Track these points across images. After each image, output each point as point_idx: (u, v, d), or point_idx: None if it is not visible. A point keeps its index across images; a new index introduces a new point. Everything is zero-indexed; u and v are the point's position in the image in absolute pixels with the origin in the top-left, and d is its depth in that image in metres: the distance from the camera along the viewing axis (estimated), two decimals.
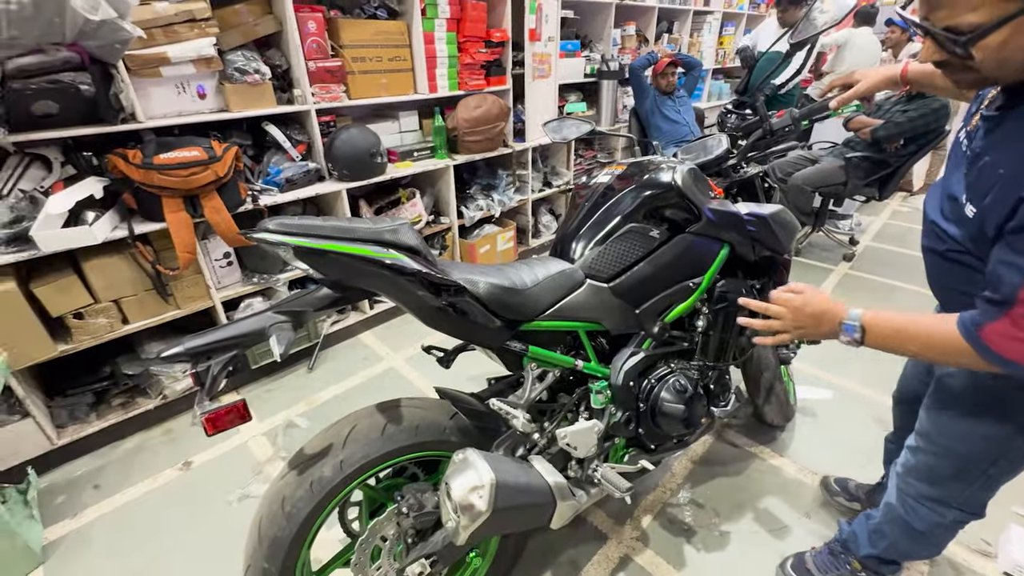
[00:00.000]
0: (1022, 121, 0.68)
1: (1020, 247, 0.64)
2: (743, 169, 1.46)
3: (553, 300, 1.09)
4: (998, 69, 0.64)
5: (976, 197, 0.72)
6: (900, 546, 1.14)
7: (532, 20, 2.71)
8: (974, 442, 0.93)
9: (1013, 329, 0.66)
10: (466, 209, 2.78)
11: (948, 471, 0.99)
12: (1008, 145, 0.68)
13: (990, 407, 0.89)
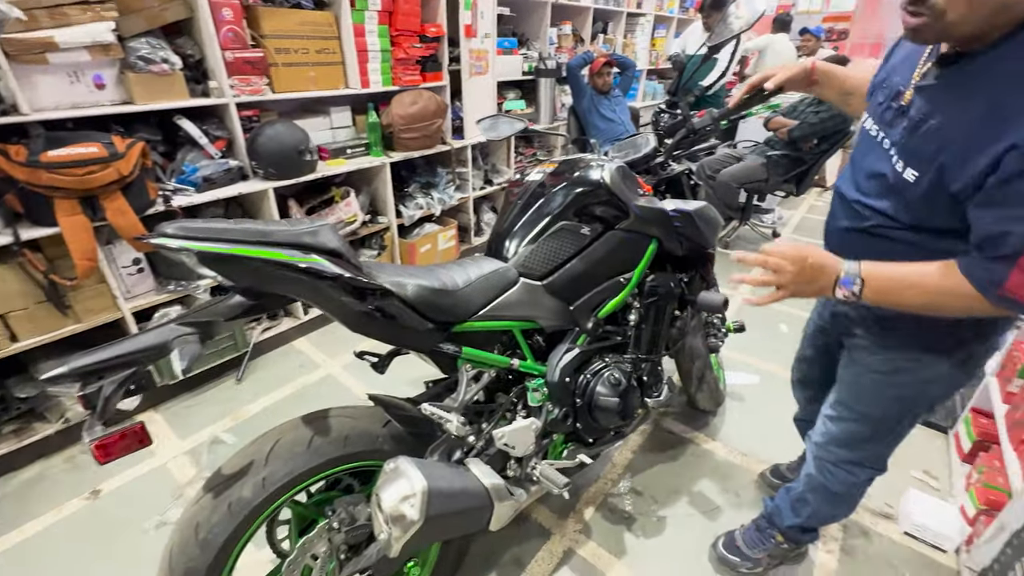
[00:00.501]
0: (967, 83, 0.71)
1: (1016, 198, 0.66)
2: (670, 167, 1.51)
3: (486, 300, 1.08)
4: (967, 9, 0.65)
5: (921, 162, 0.76)
6: (821, 512, 1.24)
7: (467, 16, 2.68)
8: (889, 405, 1.02)
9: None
10: (405, 208, 2.71)
11: (865, 434, 1.08)
12: (960, 104, 0.72)
13: (902, 372, 0.98)
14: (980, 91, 0.70)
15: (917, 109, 0.78)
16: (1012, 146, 0.64)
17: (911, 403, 1.01)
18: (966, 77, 0.72)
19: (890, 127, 0.84)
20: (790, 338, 2.45)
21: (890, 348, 0.97)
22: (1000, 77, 0.68)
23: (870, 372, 1.02)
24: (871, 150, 0.89)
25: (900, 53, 0.90)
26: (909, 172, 0.78)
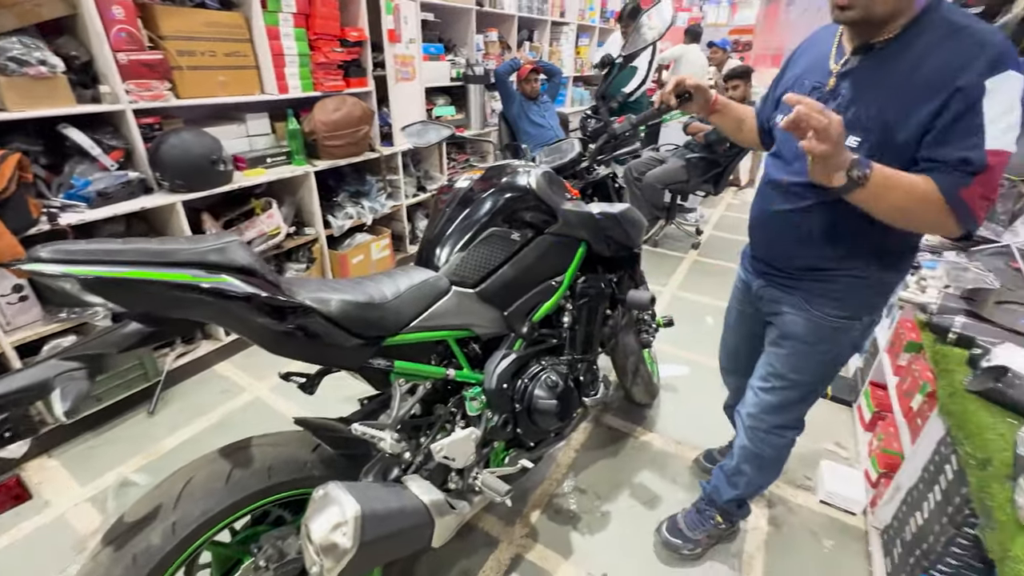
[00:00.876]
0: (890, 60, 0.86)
1: (968, 128, 0.78)
2: (595, 171, 1.55)
3: (417, 311, 1.05)
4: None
5: (863, 127, 0.88)
6: (755, 480, 1.35)
7: (390, 21, 2.63)
8: (815, 369, 1.16)
9: (983, 190, 0.80)
10: (334, 218, 2.60)
11: (795, 399, 1.21)
12: (891, 75, 0.86)
13: (826, 339, 1.10)
14: (906, 62, 0.84)
15: (848, 88, 0.91)
16: (957, 89, 0.78)
17: (833, 365, 1.17)
18: (887, 57, 0.87)
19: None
20: (715, 329, 2.59)
21: (815, 319, 1.09)
22: (922, 48, 0.83)
23: (800, 343, 1.13)
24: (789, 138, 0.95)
25: (801, 63, 1.05)
26: (852, 139, 0.89)
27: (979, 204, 0.81)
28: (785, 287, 1.13)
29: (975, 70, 0.77)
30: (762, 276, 1.20)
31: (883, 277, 1.04)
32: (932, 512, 1.19)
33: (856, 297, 1.06)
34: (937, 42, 0.81)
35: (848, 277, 1.04)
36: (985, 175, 0.79)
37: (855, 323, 1.08)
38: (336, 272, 2.64)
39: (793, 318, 1.13)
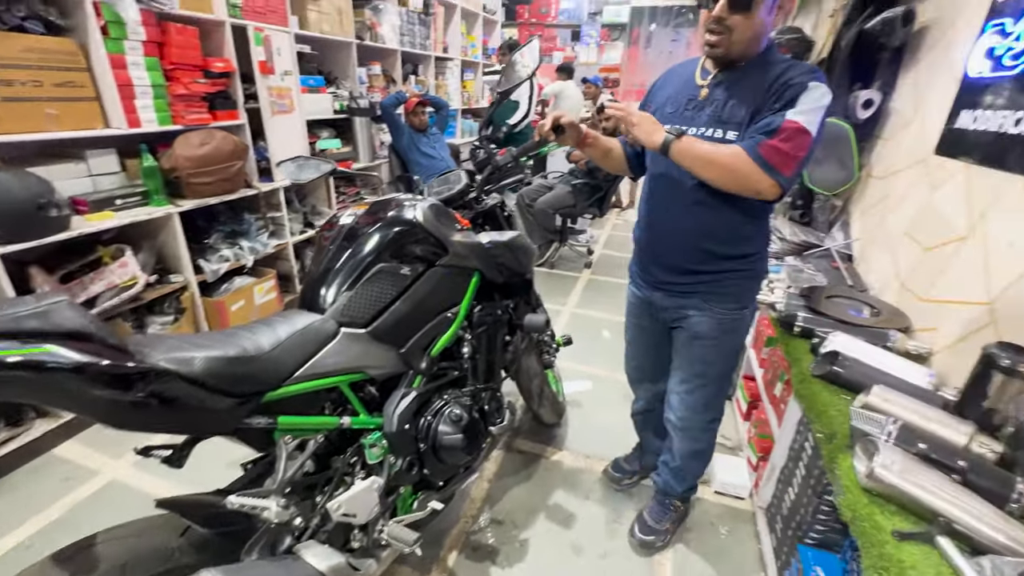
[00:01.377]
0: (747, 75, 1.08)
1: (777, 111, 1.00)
2: (484, 200, 1.59)
3: (302, 359, 0.97)
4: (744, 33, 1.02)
5: (736, 124, 1.07)
6: (697, 469, 1.53)
7: (260, 52, 2.49)
8: (725, 360, 1.32)
9: (778, 144, 0.98)
10: (207, 262, 2.35)
11: (715, 391, 1.36)
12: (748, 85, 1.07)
13: (727, 332, 1.27)
14: (757, 76, 1.07)
15: (720, 95, 1.11)
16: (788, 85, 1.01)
17: (736, 353, 1.35)
18: (744, 73, 1.09)
19: (694, 119, 1.15)
20: (612, 342, 2.77)
21: (716, 316, 1.25)
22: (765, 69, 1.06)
23: (709, 340, 1.27)
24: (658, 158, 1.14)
25: (666, 89, 1.24)
26: (730, 134, 1.08)
27: (777, 157, 0.98)
28: (683, 294, 1.27)
29: (806, 77, 1.01)
30: (658, 289, 1.32)
31: (756, 267, 1.25)
32: (800, 486, 1.35)
33: (743, 289, 1.25)
34: (780, 66, 1.06)
35: (732, 273, 1.21)
36: (779, 135, 0.98)
37: (745, 312, 1.27)
38: (212, 322, 2.37)
39: (698, 319, 1.26)
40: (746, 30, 1.03)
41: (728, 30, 1.03)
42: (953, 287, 1.31)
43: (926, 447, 0.95)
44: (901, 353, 1.35)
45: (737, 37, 1.04)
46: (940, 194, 1.43)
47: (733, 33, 1.03)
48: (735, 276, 1.22)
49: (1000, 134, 1.20)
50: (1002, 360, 0.98)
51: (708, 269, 1.21)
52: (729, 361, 1.34)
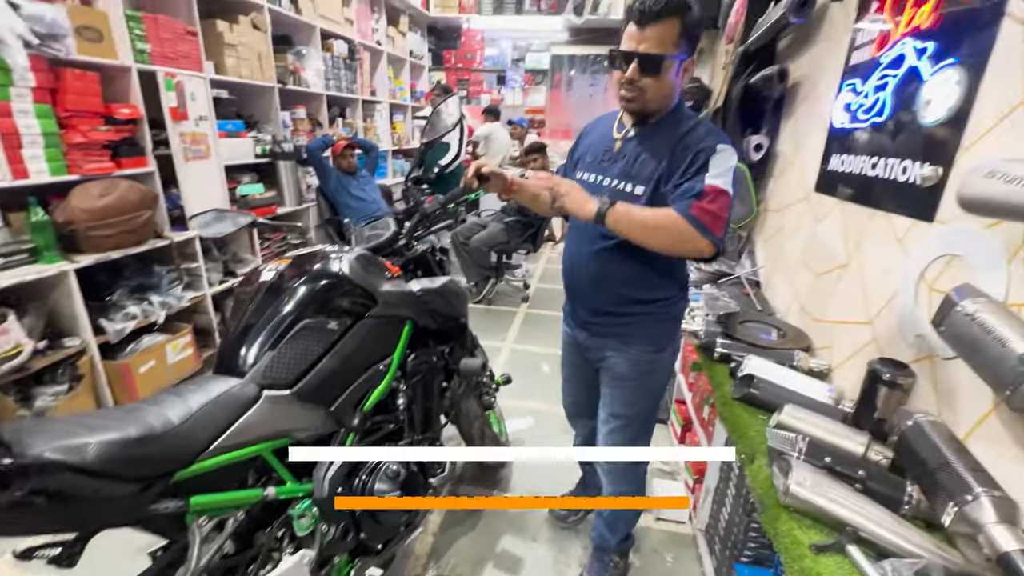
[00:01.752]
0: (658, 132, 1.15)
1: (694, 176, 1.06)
2: (414, 246, 1.59)
3: (218, 430, 0.91)
4: (657, 92, 1.10)
5: (643, 180, 1.14)
6: (630, 517, 1.51)
7: (171, 98, 2.39)
8: (645, 401, 1.34)
9: (707, 206, 1.03)
10: (110, 321, 2.13)
11: (639, 431, 1.37)
12: (658, 142, 1.14)
13: (645, 373, 1.29)
14: (666, 135, 1.14)
15: (630, 151, 1.18)
16: (697, 151, 1.08)
17: (656, 394, 1.36)
18: (656, 129, 1.17)
19: (608, 169, 1.22)
20: (552, 376, 2.80)
21: (633, 358, 1.28)
22: (675, 126, 1.14)
23: (628, 381, 1.30)
24: (598, 191, 1.19)
25: (590, 137, 1.32)
26: (637, 188, 1.15)
27: (708, 218, 1.04)
28: (603, 335, 1.30)
29: (713, 140, 1.09)
30: (584, 328, 1.35)
31: (671, 311, 1.29)
32: (732, 506, 1.42)
33: (659, 332, 1.28)
34: (687, 125, 1.14)
35: (647, 316, 1.25)
36: (705, 198, 1.05)
37: (663, 354, 1.30)
38: (117, 388, 2.14)
39: (617, 360, 1.29)
40: (657, 91, 1.11)
41: (641, 90, 1.11)
42: (841, 309, 1.47)
43: (831, 460, 1.03)
44: (805, 371, 1.48)
45: (650, 96, 1.11)
46: (822, 226, 1.62)
47: (646, 92, 1.11)
48: (650, 319, 1.26)
49: (862, 175, 1.39)
50: (884, 374, 1.11)
51: (623, 312, 1.25)
52: (648, 402, 1.36)
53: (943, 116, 1.09)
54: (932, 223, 1.12)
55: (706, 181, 1.05)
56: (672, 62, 1.08)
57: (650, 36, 1.06)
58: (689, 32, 1.06)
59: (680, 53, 1.08)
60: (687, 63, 1.11)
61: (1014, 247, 0.90)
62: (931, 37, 1.16)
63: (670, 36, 1.05)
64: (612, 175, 1.20)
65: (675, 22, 1.05)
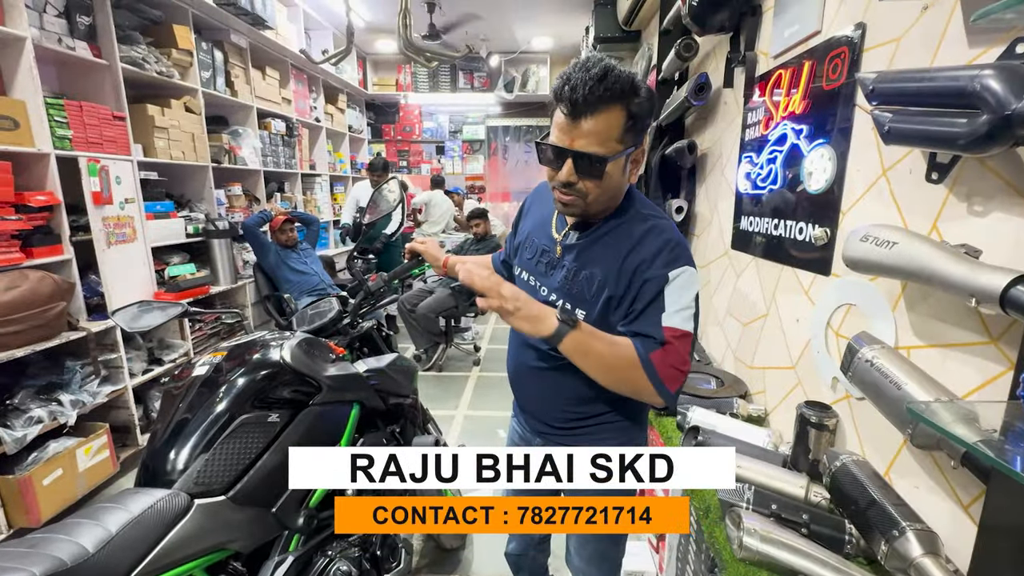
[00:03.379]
0: (603, 239, 0.95)
1: (648, 311, 0.89)
2: (359, 324, 1.57)
3: (143, 551, 0.82)
4: (601, 195, 0.89)
5: (586, 301, 0.95)
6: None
7: (95, 183, 2.29)
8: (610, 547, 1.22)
9: (667, 357, 0.87)
10: (7, 429, 1.89)
11: (607, 544, 1.22)
12: (605, 254, 0.94)
13: None
14: (613, 246, 0.94)
15: (571, 261, 0.98)
16: (645, 280, 0.90)
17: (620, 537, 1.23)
18: (600, 235, 0.96)
19: (546, 276, 1.02)
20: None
21: None
22: (616, 239, 0.94)
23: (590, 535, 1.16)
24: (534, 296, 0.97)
25: (530, 220, 1.12)
26: (579, 311, 0.96)
27: (667, 372, 0.87)
28: (560, 443, 1.09)
29: (661, 264, 0.90)
30: (539, 435, 1.15)
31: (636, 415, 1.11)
32: (694, 562, 1.42)
33: (625, 435, 1.09)
34: (638, 232, 0.93)
35: (607, 425, 1.07)
36: (667, 347, 0.88)
37: None
38: (13, 509, 1.87)
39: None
40: (600, 194, 0.90)
41: (580, 193, 0.90)
42: (768, 355, 1.59)
43: (776, 507, 1.08)
44: (744, 418, 1.57)
45: (592, 200, 0.91)
46: (743, 280, 1.78)
47: (587, 196, 0.90)
48: (611, 427, 1.08)
49: (768, 235, 1.56)
50: (811, 417, 1.20)
51: (579, 425, 1.08)
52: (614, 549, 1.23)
53: (823, 186, 1.27)
54: (829, 276, 1.26)
55: (663, 324, 0.88)
56: (616, 161, 0.87)
57: (588, 131, 0.84)
58: (637, 122, 0.86)
59: (625, 148, 0.87)
60: (636, 154, 0.91)
61: (894, 297, 1.04)
62: (804, 120, 1.37)
63: (613, 129, 0.84)
64: (551, 287, 1.01)
65: (618, 111, 0.83)
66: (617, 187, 0.93)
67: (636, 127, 0.87)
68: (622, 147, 0.86)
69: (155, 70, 2.72)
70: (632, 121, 0.85)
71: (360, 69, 5.83)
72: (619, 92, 0.82)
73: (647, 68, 2.91)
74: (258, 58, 3.79)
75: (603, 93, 0.81)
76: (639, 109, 0.85)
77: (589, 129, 0.83)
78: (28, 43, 2.04)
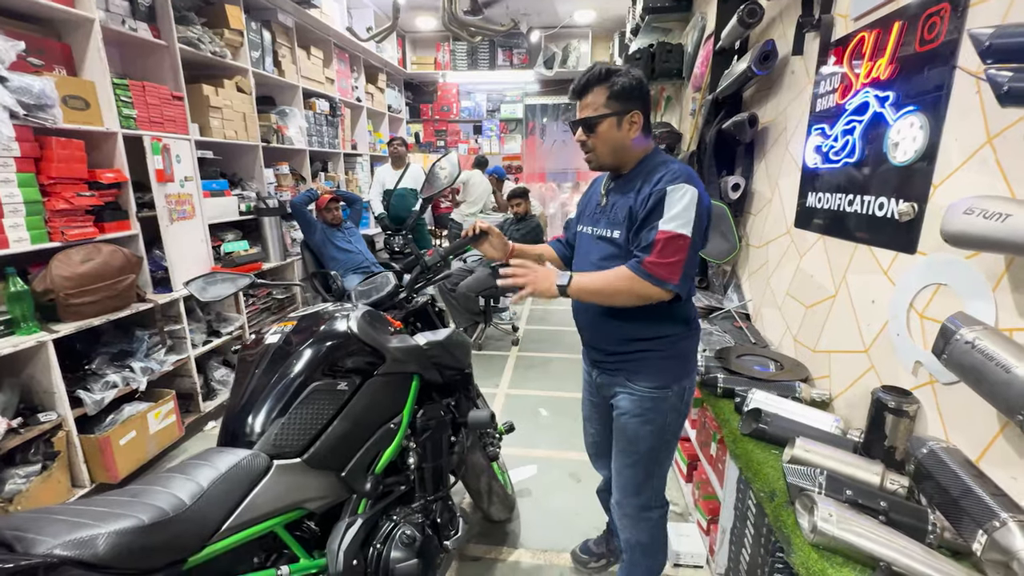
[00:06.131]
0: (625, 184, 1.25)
1: (649, 220, 1.14)
2: (414, 299, 1.59)
3: (229, 507, 0.86)
4: (604, 147, 1.23)
5: (617, 225, 1.23)
6: (649, 566, 1.45)
7: (158, 161, 2.39)
8: (648, 439, 1.31)
9: (657, 258, 1.11)
10: (88, 392, 2.03)
11: (642, 475, 1.34)
12: (625, 192, 1.23)
13: (648, 409, 1.28)
14: (634, 183, 1.23)
15: (609, 202, 1.30)
16: (649, 195, 1.16)
17: (662, 434, 1.32)
18: (627, 180, 1.26)
19: (597, 222, 1.32)
20: (552, 420, 2.77)
21: (637, 393, 1.29)
22: (636, 179, 1.23)
23: (629, 417, 1.30)
24: (588, 243, 1.34)
25: (589, 193, 1.43)
26: (616, 232, 1.25)
27: (660, 270, 1.12)
28: (611, 371, 1.33)
29: (665, 182, 1.16)
30: (596, 365, 1.39)
31: (676, 348, 1.29)
32: (752, 547, 1.39)
33: (661, 369, 1.28)
34: (652, 170, 1.22)
35: (649, 353, 1.27)
36: (655, 249, 1.12)
37: (668, 392, 1.28)
38: (94, 464, 2.01)
39: (622, 395, 1.31)
40: (603, 146, 1.23)
41: (590, 149, 1.25)
42: (835, 339, 1.52)
43: (851, 493, 1.04)
44: (807, 402, 1.51)
45: (599, 152, 1.24)
46: (807, 260, 1.70)
47: (596, 150, 1.24)
48: (652, 356, 1.27)
49: (840, 211, 1.48)
50: (889, 403, 1.14)
51: (627, 350, 1.29)
52: (652, 441, 1.32)
53: (912, 157, 1.18)
54: (914, 255, 1.18)
55: (659, 227, 1.12)
56: (605, 120, 1.20)
57: (584, 104, 1.23)
58: (619, 94, 1.18)
59: (612, 112, 1.19)
60: (629, 117, 1.20)
61: (996, 276, 0.96)
62: (890, 87, 1.27)
63: (600, 101, 1.20)
64: (600, 225, 1.31)
65: (602, 89, 1.19)
66: (618, 141, 1.22)
67: (620, 97, 1.19)
68: (609, 111, 1.20)
69: (209, 50, 2.78)
70: (612, 94, 1.19)
71: (400, 47, 5.82)
72: (597, 79, 1.20)
73: (700, 38, 2.78)
74: (303, 38, 3.83)
75: (588, 79, 1.21)
76: (618, 86, 1.18)
77: (584, 104, 1.23)
78: (96, 24, 2.11)
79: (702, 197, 1.15)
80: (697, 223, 1.13)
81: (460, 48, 5.94)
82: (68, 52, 2.16)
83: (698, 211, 1.13)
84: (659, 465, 1.37)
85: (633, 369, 1.29)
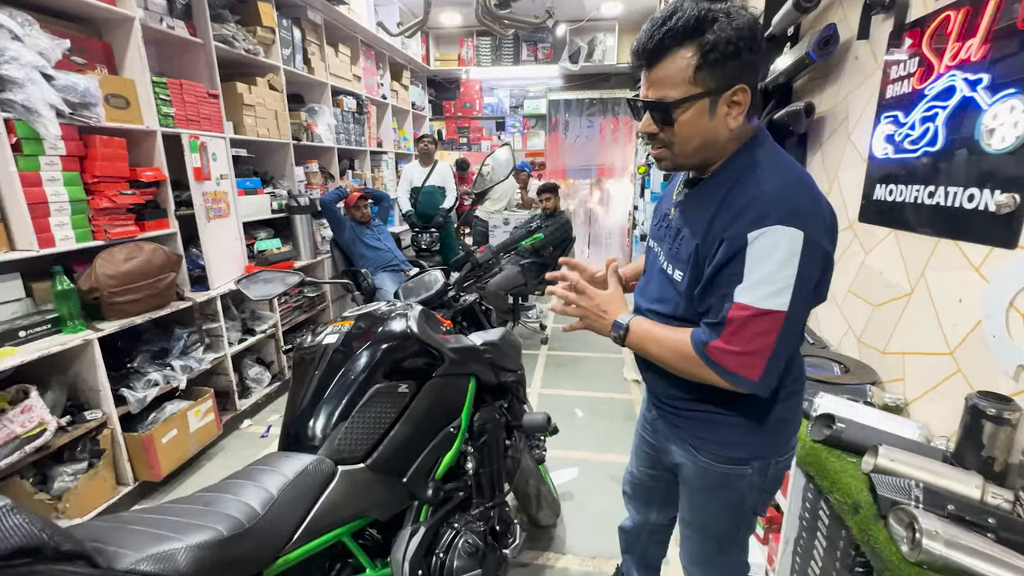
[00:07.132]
0: (701, 197, 0.87)
1: (722, 282, 0.79)
2: (462, 298, 1.55)
3: (300, 515, 0.82)
4: (685, 144, 0.82)
5: (681, 262, 0.88)
6: None
7: (195, 159, 2.38)
8: (720, 518, 1.04)
9: (726, 345, 0.78)
10: (131, 390, 2.03)
11: (712, 549, 1.09)
12: (697, 214, 0.86)
13: (719, 484, 0.99)
14: (706, 203, 0.85)
15: (675, 221, 0.93)
16: (722, 240, 0.79)
17: (735, 509, 1.02)
18: (700, 193, 0.89)
19: (663, 240, 0.97)
20: (587, 421, 2.70)
21: (701, 464, 0.99)
22: (713, 193, 0.84)
23: (694, 488, 1.04)
24: (653, 263, 1.01)
25: (667, 191, 1.05)
26: (677, 273, 0.90)
27: (732, 360, 0.78)
28: (672, 424, 1.02)
29: (746, 222, 0.76)
30: (655, 407, 1.07)
31: (766, 416, 0.92)
32: (824, 560, 1.32)
33: (741, 441, 0.94)
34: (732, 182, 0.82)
35: (726, 416, 0.93)
36: (727, 332, 0.77)
37: (745, 468, 0.95)
38: (138, 463, 2.02)
39: (682, 460, 1.02)
40: (685, 142, 0.82)
41: (664, 144, 0.85)
42: (911, 340, 1.42)
43: (954, 507, 0.96)
44: (880, 407, 1.42)
45: (679, 150, 0.84)
46: (873, 257, 1.60)
47: (673, 147, 0.84)
48: (726, 421, 0.93)
49: (918, 204, 1.38)
50: (988, 409, 1.05)
51: (686, 407, 0.97)
52: (723, 522, 1.04)
53: (1012, 143, 1.09)
54: (1014, 249, 1.09)
55: (735, 299, 0.76)
56: (689, 105, 0.78)
57: (656, 78, 0.80)
58: (713, 59, 0.75)
59: (704, 91, 0.77)
60: (730, 96, 0.78)
61: None
62: (984, 69, 1.18)
63: (682, 72, 0.77)
64: (664, 249, 0.96)
65: (687, 52, 0.76)
66: (705, 133, 0.81)
67: (717, 63, 0.76)
68: (699, 89, 0.78)
69: (243, 48, 2.77)
70: (706, 58, 0.76)
71: (424, 44, 5.79)
72: (682, 31, 0.75)
73: None
74: (331, 35, 3.81)
75: (664, 36, 0.76)
76: (713, 45, 0.75)
77: (657, 77, 0.80)
78: (136, 23, 2.11)
79: (812, 240, 0.74)
80: (800, 286, 0.74)
81: (484, 43, 5.88)
82: (109, 51, 2.16)
83: (802, 269, 0.74)
84: (735, 542, 1.09)
85: (696, 432, 0.97)
